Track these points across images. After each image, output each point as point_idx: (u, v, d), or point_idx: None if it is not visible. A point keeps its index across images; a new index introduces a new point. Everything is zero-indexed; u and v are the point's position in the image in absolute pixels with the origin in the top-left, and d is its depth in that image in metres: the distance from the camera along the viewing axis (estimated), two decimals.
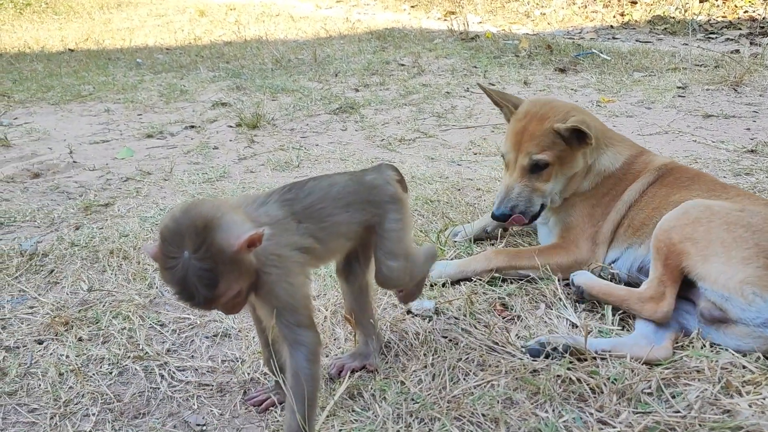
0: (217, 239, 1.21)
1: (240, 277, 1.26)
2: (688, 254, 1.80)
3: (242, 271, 1.26)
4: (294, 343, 1.38)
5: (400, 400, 1.59)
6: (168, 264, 1.20)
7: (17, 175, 3.50)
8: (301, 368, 1.37)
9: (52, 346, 1.88)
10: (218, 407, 1.62)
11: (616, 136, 2.36)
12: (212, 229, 1.21)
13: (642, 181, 2.19)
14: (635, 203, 2.17)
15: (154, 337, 1.93)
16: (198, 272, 1.19)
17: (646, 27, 8.84)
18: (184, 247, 1.19)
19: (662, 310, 1.82)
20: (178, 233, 1.20)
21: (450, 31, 8.07)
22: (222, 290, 1.23)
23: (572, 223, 2.21)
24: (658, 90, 4.98)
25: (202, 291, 1.20)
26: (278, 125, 4.43)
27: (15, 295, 2.18)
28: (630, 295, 1.90)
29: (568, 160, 2.18)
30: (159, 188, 3.25)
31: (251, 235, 1.23)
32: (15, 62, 7.19)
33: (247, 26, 9.55)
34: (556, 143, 2.16)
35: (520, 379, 1.62)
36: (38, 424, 1.57)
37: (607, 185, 2.23)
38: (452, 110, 4.69)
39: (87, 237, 2.60)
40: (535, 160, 2.17)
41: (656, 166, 2.22)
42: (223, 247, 1.21)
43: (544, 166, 2.17)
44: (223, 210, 1.26)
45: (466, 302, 1.99)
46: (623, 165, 2.24)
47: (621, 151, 2.28)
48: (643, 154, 2.31)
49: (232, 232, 1.23)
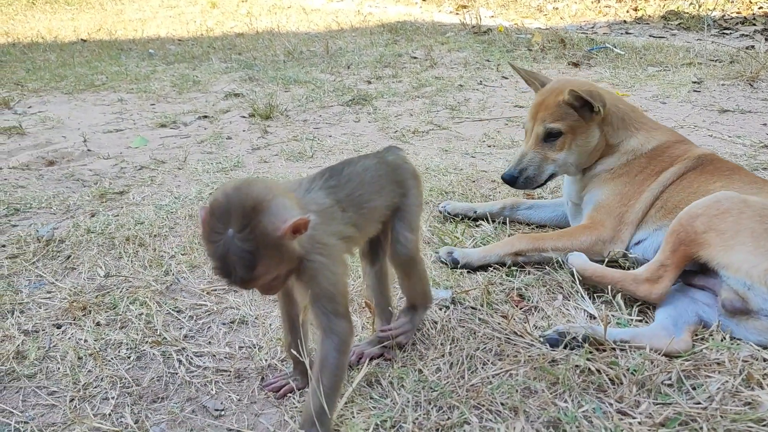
0: (263, 222, 1.21)
1: (280, 262, 1.26)
2: (709, 245, 1.77)
3: (283, 256, 1.26)
4: (327, 330, 1.38)
5: (418, 388, 1.59)
6: (212, 238, 1.21)
7: (32, 162, 3.52)
8: (330, 356, 1.38)
9: (70, 330, 1.88)
10: (236, 393, 1.63)
11: (652, 122, 2.38)
12: (260, 212, 1.21)
13: (680, 166, 2.20)
14: (671, 185, 2.17)
15: (171, 323, 1.93)
16: (239, 252, 1.19)
17: (660, 22, 8.77)
18: (230, 225, 1.19)
19: (657, 292, 1.84)
20: (227, 210, 1.20)
21: (462, 24, 8.04)
22: (259, 273, 1.23)
23: (602, 201, 2.23)
24: (673, 85, 4.94)
25: (240, 271, 1.21)
26: (291, 116, 4.43)
27: (33, 280, 2.19)
28: (624, 277, 1.92)
29: (582, 131, 2.26)
30: (173, 177, 3.25)
31: (297, 220, 1.23)
32: (28, 52, 7.21)
33: (259, 18, 9.54)
34: (569, 114, 2.24)
35: (539, 369, 1.62)
36: (57, 406, 1.57)
37: (639, 164, 2.25)
38: (465, 103, 4.67)
39: (103, 224, 2.61)
40: (548, 129, 2.25)
41: (697, 155, 2.23)
42: (268, 231, 1.21)
43: (558, 134, 2.26)
44: (275, 193, 1.26)
45: (483, 292, 1.99)
46: (657, 148, 2.26)
47: (655, 135, 2.30)
48: (685, 143, 2.32)
49: (279, 216, 1.23)
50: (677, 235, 1.84)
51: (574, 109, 2.24)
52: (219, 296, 2.08)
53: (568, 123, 2.25)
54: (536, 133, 2.28)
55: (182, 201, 2.85)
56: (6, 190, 3.02)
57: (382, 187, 1.56)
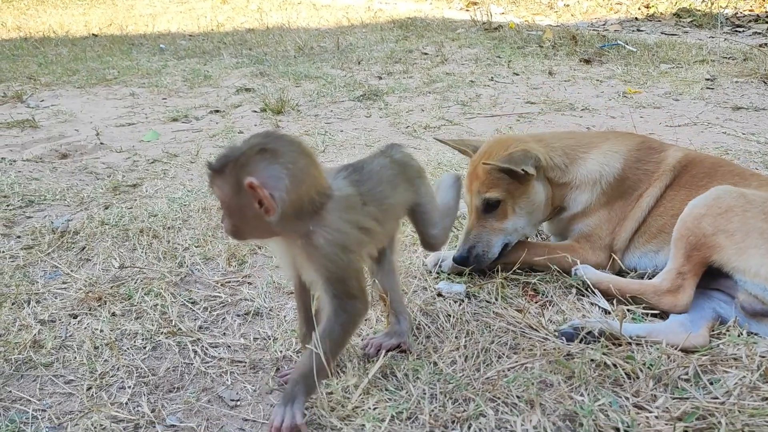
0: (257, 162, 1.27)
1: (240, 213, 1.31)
2: (721, 247, 1.75)
3: (243, 208, 1.30)
4: (338, 309, 1.39)
5: (433, 380, 1.59)
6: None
7: (46, 155, 3.53)
8: (334, 330, 1.39)
9: (86, 320, 1.89)
10: (251, 383, 1.63)
11: (595, 136, 2.23)
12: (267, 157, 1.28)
13: (658, 185, 2.08)
14: (654, 209, 2.07)
15: (186, 314, 1.94)
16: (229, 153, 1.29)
17: (672, 19, 8.73)
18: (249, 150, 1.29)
19: (682, 303, 1.79)
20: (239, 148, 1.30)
21: (473, 21, 8.02)
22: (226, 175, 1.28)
23: (587, 232, 2.11)
24: (686, 82, 4.92)
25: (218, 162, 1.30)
26: (302, 111, 4.43)
27: (48, 270, 2.21)
28: (644, 288, 1.87)
29: (521, 192, 2.07)
30: (186, 170, 3.26)
31: (251, 180, 1.24)
32: (40, 46, 7.24)
33: (270, 14, 9.55)
34: (502, 179, 2.06)
35: (555, 363, 1.61)
36: (75, 395, 1.58)
37: (617, 190, 2.10)
38: (477, 99, 4.66)
39: (116, 216, 2.62)
40: (485, 200, 2.07)
41: (671, 166, 2.10)
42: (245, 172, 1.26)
43: (496, 204, 2.07)
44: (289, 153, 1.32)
45: (497, 286, 1.98)
46: (626, 165, 2.11)
47: (612, 149, 2.14)
48: (650, 148, 2.16)
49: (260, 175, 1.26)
50: (686, 239, 1.81)
51: (505, 173, 2.05)
52: (233, 288, 2.08)
53: (503, 189, 2.06)
54: (475, 207, 2.09)
55: (195, 194, 2.86)
56: (20, 182, 3.03)
57: (397, 185, 1.57)
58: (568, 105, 4.43)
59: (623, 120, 4.05)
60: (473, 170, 2.13)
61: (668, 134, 3.65)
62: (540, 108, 4.38)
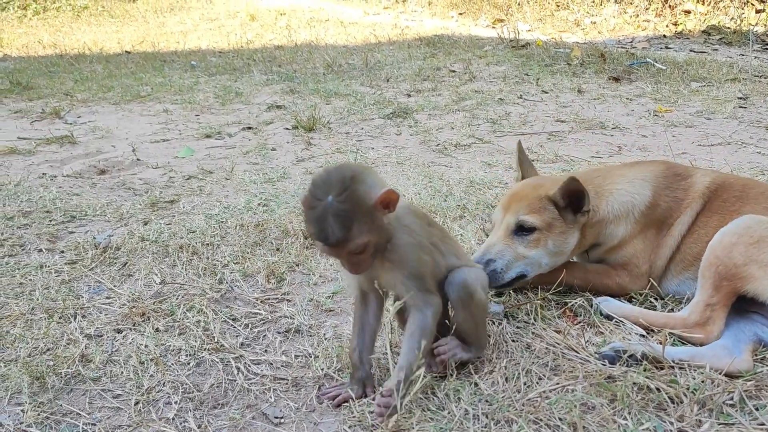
0: (359, 189, 1.41)
1: (371, 229, 1.44)
2: (754, 278, 1.73)
3: (374, 224, 1.44)
4: (423, 303, 1.56)
5: (474, 400, 1.60)
6: (312, 204, 1.40)
7: (85, 171, 3.62)
8: (425, 323, 1.55)
9: (130, 335, 1.94)
10: (294, 401, 1.65)
11: (621, 167, 2.22)
12: (357, 181, 1.42)
13: (689, 213, 2.05)
14: (686, 236, 2.05)
15: (227, 330, 1.97)
16: (337, 212, 1.38)
17: (701, 37, 8.67)
18: (330, 193, 1.38)
19: (712, 337, 1.77)
20: (327, 181, 1.41)
21: (499, 38, 8.04)
22: (354, 234, 1.40)
23: (625, 261, 2.09)
24: (717, 100, 4.88)
25: (336, 230, 1.38)
26: (333, 128, 4.48)
27: (92, 285, 2.26)
28: (672, 322, 1.84)
29: (560, 230, 2.01)
30: (221, 187, 3.31)
31: (388, 191, 1.42)
32: (75, 63, 7.41)
33: (298, 31, 9.67)
34: (548, 209, 2.00)
35: (597, 385, 1.61)
36: (123, 409, 1.62)
37: (649, 218, 2.07)
38: (506, 117, 4.68)
39: (156, 232, 2.67)
40: (521, 221, 1.99)
41: (700, 192, 2.07)
42: (363, 197, 1.41)
43: (531, 229, 1.99)
44: (370, 171, 1.49)
45: (536, 307, 1.99)
46: (656, 191, 2.08)
47: (638, 176, 2.12)
48: (676, 174, 2.13)
49: (373, 187, 1.44)
50: (716, 269, 1.78)
51: (555, 206, 2.01)
52: (273, 305, 2.11)
53: (545, 219, 1.99)
54: (506, 224, 2.01)
55: (231, 211, 2.91)
56: (62, 197, 3.11)
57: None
58: (599, 123, 4.42)
59: (655, 139, 4.03)
60: (517, 192, 2.09)
61: (702, 154, 3.63)
62: (570, 126, 4.38)
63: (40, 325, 1.98)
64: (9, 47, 8.72)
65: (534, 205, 2.00)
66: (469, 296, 1.65)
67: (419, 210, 1.72)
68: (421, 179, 3.32)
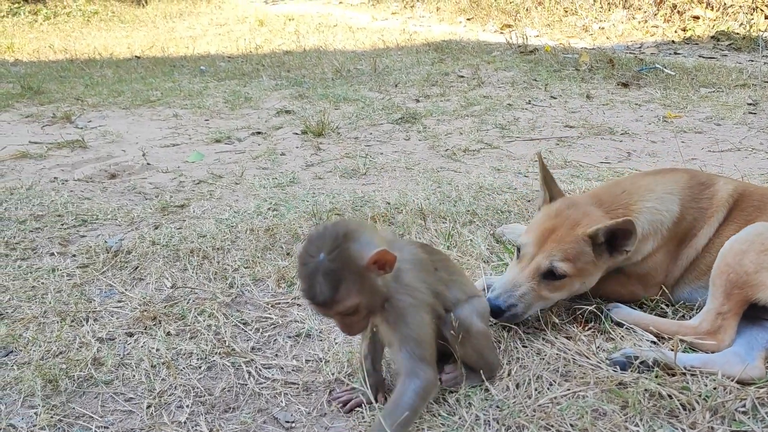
0: (351, 249, 1.34)
1: (361, 290, 1.36)
2: (765, 286, 1.72)
3: (365, 285, 1.37)
4: (411, 373, 1.46)
5: (485, 406, 1.60)
6: (305, 260, 1.34)
7: (95, 175, 3.64)
8: (408, 397, 1.44)
9: (142, 339, 1.95)
10: (305, 405, 1.66)
11: (646, 179, 2.14)
12: (349, 240, 1.35)
13: (712, 223, 2.02)
14: (706, 247, 2.02)
15: (238, 334, 1.98)
16: (326, 271, 1.31)
17: (710, 42, 8.65)
18: (322, 250, 1.33)
19: (724, 345, 1.77)
20: (322, 237, 1.35)
21: (508, 43, 8.05)
22: (341, 296, 1.33)
23: (643, 273, 2.06)
24: (727, 106, 4.87)
25: (324, 290, 1.32)
26: (342, 134, 4.49)
27: (103, 289, 2.27)
28: (683, 330, 1.82)
29: (589, 273, 1.93)
30: (231, 191, 3.33)
31: (381, 251, 1.34)
32: (86, 68, 7.46)
33: (306, 36, 9.71)
34: (585, 253, 1.89)
35: (608, 392, 1.61)
36: (135, 413, 1.63)
37: (675, 231, 2.03)
38: (515, 122, 4.68)
39: (166, 236, 2.68)
40: (553, 268, 1.87)
41: (723, 200, 2.04)
42: (354, 257, 1.34)
43: (561, 277, 1.89)
44: (367, 229, 1.41)
45: (546, 313, 1.99)
46: (683, 205, 2.03)
47: (666, 190, 2.06)
48: (700, 183, 2.09)
49: (366, 247, 1.36)
50: (727, 276, 1.78)
51: (592, 245, 1.90)
52: (283, 309, 2.12)
53: (578, 266, 1.88)
54: (537, 266, 1.88)
55: (242, 215, 2.92)
56: (73, 201, 3.13)
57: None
58: (608, 129, 4.42)
59: (664, 145, 4.02)
60: (553, 227, 1.93)
61: (712, 160, 3.63)
62: (579, 132, 4.37)
63: (52, 329, 1.99)
64: (20, 52, 8.79)
65: (570, 251, 1.87)
66: (465, 332, 1.60)
67: (423, 255, 1.59)
68: (430, 184, 3.32)
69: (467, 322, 1.62)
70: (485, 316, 1.72)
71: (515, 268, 1.94)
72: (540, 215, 2.03)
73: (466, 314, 1.63)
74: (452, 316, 1.59)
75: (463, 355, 1.64)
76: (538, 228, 1.96)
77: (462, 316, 1.61)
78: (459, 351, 1.62)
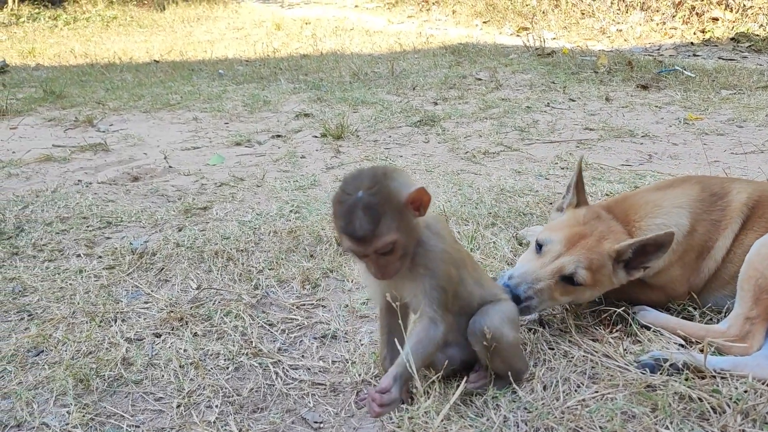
0: (390, 185, 1.38)
1: (400, 227, 1.39)
2: None
3: (403, 222, 1.40)
4: (432, 319, 1.50)
5: (513, 407, 1.60)
6: (342, 198, 1.37)
7: (119, 178, 3.67)
8: (436, 337, 1.50)
9: (169, 339, 1.97)
10: (333, 406, 1.67)
11: (655, 192, 2.12)
12: (388, 177, 1.39)
13: (727, 234, 2.00)
14: (726, 257, 2.00)
15: (264, 335, 1.99)
16: (366, 205, 1.34)
17: (729, 44, 8.59)
18: (360, 188, 1.36)
19: (753, 350, 1.76)
20: (358, 177, 1.39)
21: (525, 46, 8.04)
22: (382, 230, 1.36)
23: (662, 284, 2.04)
24: (749, 108, 4.83)
25: (365, 223, 1.34)
26: (361, 136, 4.50)
27: (130, 290, 2.30)
28: (711, 334, 1.80)
29: (601, 286, 1.92)
30: (253, 194, 3.35)
31: (419, 189, 1.39)
32: (106, 72, 7.54)
33: (323, 39, 9.74)
34: (606, 266, 1.89)
35: (637, 394, 1.60)
36: (165, 412, 1.64)
37: (688, 244, 2.00)
38: (534, 124, 4.66)
39: (190, 238, 2.70)
40: (573, 274, 1.87)
41: (738, 210, 2.01)
42: (393, 193, 1.38)
43: (578, 284, 1.88)
44: (402, 172, 1.46)
45: (572, 316, 1.98)
46: (693, 217, 2.01)
47: (675, 204, 2.04)
48: (712, 194, 2.05)
49: (404, 184, 1.40)
50: (755, 281, 1.77)
51: (616, 258, 1.90)
52: (308, 311, 2.13)
53: (596, 278, 1.88)
54: (561, 266, 1.87)
55: (264, 217, 2.93)
56: (98, 204, 3.16)
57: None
58: (628, 131, 4.40)
59: (686, 147, 4.00)
60: (583, 233, 1.92)
61: (735, 162, 3.60)
62: (599, 134, 4.35)
63: (81, 329, 2.02)
64: (42, 57, 8.90)
65: (595, 262, 1.87)
66: (497, 342, 1.57)
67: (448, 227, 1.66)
68: (451, 187, 3.33)
69: (498, 333, 1.57)
70: (516, 323, 1.68)
71: (535, 261, 1.92)
72: (566, 217, 2.02)
73: (496, 324, 1.58)
74: (484, 327, 1.56)
75: (495, 366, 1.63)
76: (567, 230, 1.94)
77: (493, 326, 1.57)
78: (490, 362, 1.61)
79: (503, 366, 1.64)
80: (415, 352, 1.49)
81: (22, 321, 2.09)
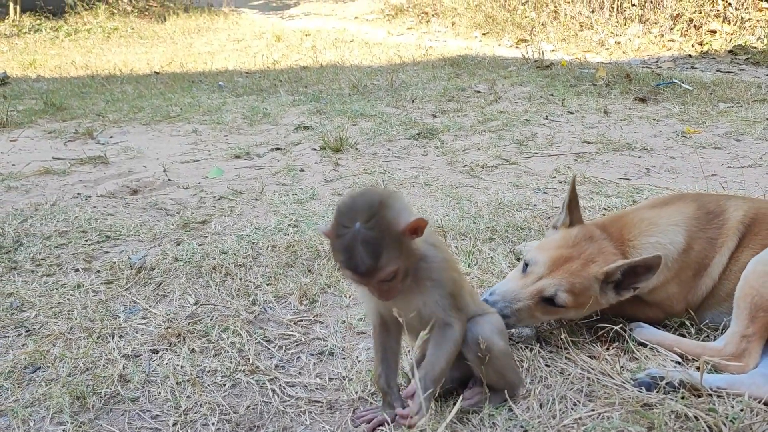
0: (387, 216, 1.37)
1: (400, 255, 1.40)
2: None
3: (403, 250, 1.40)
4: (448, 323, 1.53)
5: (509, 426, 1.60)
6: (340, 232, 1.36)
7: (118, 191, 3.68)
8: (455, 337, 1.54)
9: (167, 356, 1.97)
10: (329, 424, 1.67)
11: (650, 210, 2.11)
12: (385, 207, 1.37)
13: (723, 252, 2.00)
14: (722, 274, 2.00)
15: (261, 352, 1.99)
16: (365, 240, 1.33)
17: (727, 57, 8.63)
18: (357, 220, 1.34)
19: (749, 369, 1.75)
20: (354, 208, 1.37)
21: (523, 58, 8.07)
22: (383, 262, 1.36)
23: (658, 302, 2.04)
24: (746, 121, 4.85)
25: (366, 259, 1.34)
26: (360, 149, 4.52)
27: (128, 305, 2.30)
28: (707, 352, 1.81)
29: (585, 307, 1.91)
30: (252, 207, 3.36)
31: (417, 219, 1.39)
32: (106, 84, 7.57)
33: (323, 51, 9.79)
34: (591, 290, 1.88)
35: (633, 413, 1.60)
36: (161, 430, 1.64)
37: (683, 262, 2.00)
38: (533, 137, 4.68)
39: (189, 253, 2.71)
40: (554, 296, 1.87)
41: (734, 228, 2.01)
42: (391, 224, 1.37)
43: (560, 306, 1.89)
44: (397, 197, 1.44)
45: (568, 332, 1.98)
46: (689, 235, 2.01)
47: (670, 222, 2.03)
48: (708, 212, 2.05)
49: (401, 213, 1.40)
50: (751, 299, 1.77)
51: (602, 282, 1.90)
52: (306, 327, 2.13)
53: (579, 300, 1.88)
54: (541, 288, 1.88)
55: (262, 232, 2.94)
56: (97, 217, 3.17)
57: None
58: (626, 145, 4.41)
59: (684, 160, 4.01)
60: (569, 256, 1.91)
61: (732, 176, 3.61)
62: (597, 148, 4.37)
63: (79, 345, 2.02)
64: (42, 68, 8.94)
65: (577, 286, 1.87)
66: (488, 351, 1.59)
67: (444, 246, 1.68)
68: (449, 200, 3.33)
69: (489, 342, 1.61)
70: (504, 334, 1.71)
71: (518, 281, 1.94)
72: (557, 237, 2.02)
73: (487, 334, 1.62)
74: (478, 336, 1.59)
75: (487, 375, 1.64)
76: (554, 251, 1.94)
77: (484, 335, 1.61)
78: (483, 371, 1.62)
79: (497, 377, 1.65)
80: (437, 358, 1.53)
81: (19, 337, 2.09)
